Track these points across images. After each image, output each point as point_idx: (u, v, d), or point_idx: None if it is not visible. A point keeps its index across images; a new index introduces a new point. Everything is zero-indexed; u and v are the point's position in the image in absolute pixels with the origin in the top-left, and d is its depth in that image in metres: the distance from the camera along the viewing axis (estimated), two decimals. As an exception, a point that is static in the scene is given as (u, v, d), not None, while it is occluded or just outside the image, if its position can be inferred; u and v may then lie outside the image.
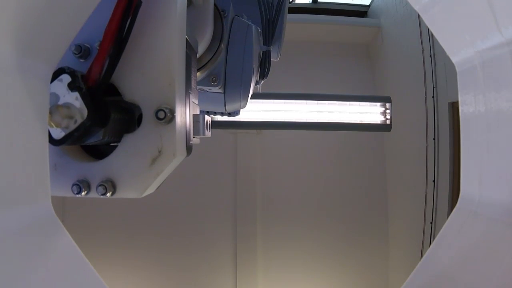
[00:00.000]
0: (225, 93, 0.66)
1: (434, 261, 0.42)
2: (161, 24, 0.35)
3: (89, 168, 0.34)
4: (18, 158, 0.25)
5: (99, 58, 0.32)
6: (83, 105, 0.30)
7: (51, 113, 0.29)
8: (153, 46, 0.35)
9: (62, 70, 0.30)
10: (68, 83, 0.30)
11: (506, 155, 0.36)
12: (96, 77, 0.32)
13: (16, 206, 0.24)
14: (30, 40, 0.25)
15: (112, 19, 0.33)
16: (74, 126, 0.29)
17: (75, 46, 0.34)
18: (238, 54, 0.65)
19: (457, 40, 0.41)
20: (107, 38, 0.33)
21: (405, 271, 2.36)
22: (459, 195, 0.43)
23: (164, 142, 0.34)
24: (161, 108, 0.34)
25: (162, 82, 0.35)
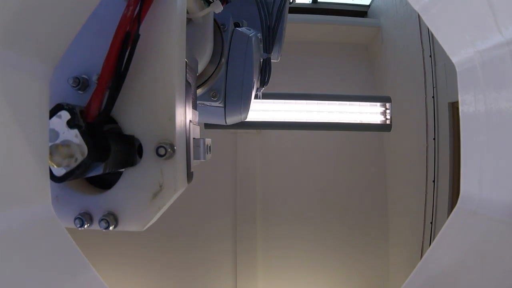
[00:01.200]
0: (226, 107, 0.66)
1: (434, 261, 0.42)
2: (161, 58, 0.35)
3: (91, 201, 0.35)
4: (18, 158, 0.25)
5: (97, 94, 0.32)
6: (83, 143, 0.30)
7: (51, 153, 0.29)
8: (152, 80, 0.35)
9: (61, 107, 0.30)
10: (67, 121, 0.29)
11: (506, 155, 0.36)
12: (95, 113, 0.32)
13: (16, 206, 0.24)
14: (30, 40, 0.25)
15: (110, 53, 0.32)
16: (75, 164, 0.29)
17: (73, 78, 0.34)
18: (239, 68, 0.64)
19: (457, 40, 0.41)
20: (105, 73, 0.32)
21: (405, 271, 2.36)
22: (459, 195, 0.43)
23: (165, 177, 0.35)
24: (161, 145, 0.34)
25: (162, 116, 0.35)
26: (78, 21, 0.31)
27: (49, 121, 0.29)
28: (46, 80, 0.29)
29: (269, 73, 0.85)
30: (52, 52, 0.29)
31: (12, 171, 0.24)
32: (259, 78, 0.82)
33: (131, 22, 0.33)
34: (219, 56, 0.60)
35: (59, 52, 0.30)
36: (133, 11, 0.33)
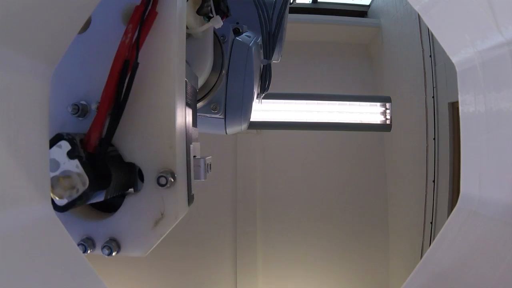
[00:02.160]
0: (226, 119, 0.65)
1: (434, 261, 0.42)
2: (160, 85, 0.35)
3: (94, 227, 0.35)
4: (18, 158, 0.25)
5: (97, 123, 0.32)
6: (84, 173, 0.30)
7: (53, 186, 0.29)
8: (152, 107, 0.35)
9: (61, 136, 0.30)
10: (68, 152, 0.30)
11: (506, 155, 0.36)
12: (95, 142, 0.32)
13: (16, 206, 0.24)
14: (30, 39, 0.25)
15: (109, 81, 0.32)
16: (77, 195, 0.30)
17: (72, 106, 0.34)
18: (239, 80, 0.64)
19: (457, 40, 0.41)
20: (104, 102, 0.32)
21: (405, 271, 2.36)
22: (459, 195, 0.43)
23: (166, 205, 0.35)
24: (162, 175, 0.34)
25: (162, 144, 0.35)
26: (78, 20, 0.31)
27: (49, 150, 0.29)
28: (46, 80, 0.29)
29: (270, 79, 0.85)
30: (52, 52, 0.29)
31: (12, 171, 0.24)
32: (259, 84, 0.81)
33: (130, 49, 0.33)
34: (220, 68, 0.59)
35: (59, 52, 0.30)
36: (131, 38, 0.33)
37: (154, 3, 0.35)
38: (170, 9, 0.36)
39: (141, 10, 0.34)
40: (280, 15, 0.80)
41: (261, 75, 0.81)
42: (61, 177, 0.29)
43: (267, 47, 0.78)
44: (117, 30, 0.35)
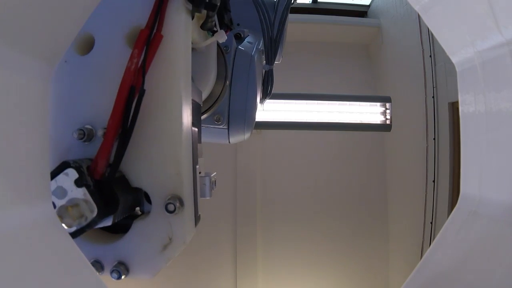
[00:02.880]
0: (229, 130, 0.65)
1: (434, 261, 0.42)
2: (167, 111, 0.35)
3: (102, 250, 0.35)
4: (18, 158, 0.25)
5: (103, 151, 0.32)
6: (92, 202, 0.30)
7: (61, 216, 0.29)
8: (159, 133, 0.34)
9: (67, 164, 0.30)
10: (75, 180, 0.29)
11: (506, 155, 0.36)
12: (103, 170, 0.31)
13: (16, 206, 0.24)
14: (30, 38, 0.25)
15: (115, 108, 0.32)
16: (85, 222, 0.30)
17: (77, 131, 0.33)
18: (242, 91, 0.63)
19: (457, 40, 0.41)
20: (111, 129, 0.32)
21: (405, 271, 2.36)
22: (459, 195, 0.43)
23: (175, 230, 0.35)
24: (170, 202, 0.34)
25: (169, 170, 0.34)
26: (78, 20, 0.31)
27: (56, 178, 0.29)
28: (46, 80, 0.29)
29: (272, 84, 0.84)
30: (52, 52, 0.29)
31: (12, 171, 0.24)
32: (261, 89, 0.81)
33: (136, 74, 0.32)
34: (224, 79, 0.58)
35: (59, 51, 0.30)
36: (137, 63, 0.33)
37: (159, 26, 0.34)
38: (176, 31, 0.36)
39: (146, 34, 0.33)
40: (282, 20, 0.79)
41: (263, 80, 0.81)
42: (70, 206, 0.29)
43: (269, 53, 0.77)
44: (121, 52, 0.34)
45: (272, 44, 0.77)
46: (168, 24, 0.35)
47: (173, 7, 0.35)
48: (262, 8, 0.73)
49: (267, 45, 0.77)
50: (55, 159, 0.34)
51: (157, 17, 0.34)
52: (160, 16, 0.34)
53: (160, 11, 0.34)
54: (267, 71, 0.80)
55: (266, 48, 0.77)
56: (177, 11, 0.36)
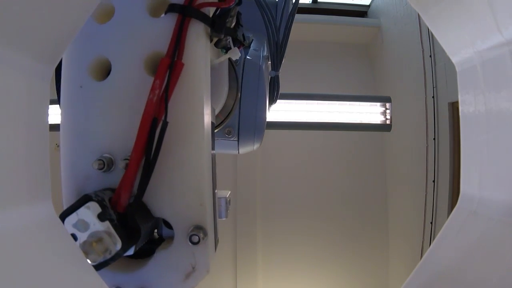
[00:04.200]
0: (239, 142, 0.64)
1: (434, 261, 0.42)
2: (190, 142, 0.34)
3: (124, 278, 0.35)
4: (18, 158, 0.25)
5: (126, 185, 0.31)
6: (116, 235, 0.29)
7: (87, 252, 0.28)
8: (182, 164, 0.34)
9: (89, 198, 0.29)
10: (98, 214, 0.29)
11: (506, 155, 0.36)
12: (125, 203, 0.31)
13: (16, 206, 0.24)
14: (30, 38, 0.25)
15: (137, 142, 0.31)
16: (110, 256, 0.30)
17: (97, 162, 0.33)
18: (251, 103, 0.63)
19: (457, 40, 0.41)
20: (133, 163, 0.31)
21: (405, 271, 2.35)
22: (459, 195, 0.43)
23: (198, 259, 0.35)
24: (195, 233, 0.33)
25: (193, 201, 0.34)
26: (78, 20, 0.31)
27: (77, 211, 0.29)
28: (46, 80, 0.29)
29: (278, 90, 0.83)
30: (52, 52, 0.29)
31: (12, 171, 0.24)
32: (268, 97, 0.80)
33: (158, 106, 0.32)
34: (235, 92, 0.58)
35: (59, 51, 0.30)
36: (159, 94, 0.32)
37: (179, 54, 0.33)
38: (197, 58, 0.35)
39: (167, 63, 0.32)
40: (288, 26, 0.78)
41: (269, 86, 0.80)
42: (94, 241, 0.29)
43: (275, 59, 0.76)
44: (139, 79, 0.34)
45: (278, 50, 0.76)
46: (188, 51, 0.34)
47: (193, 33, 0.35)
48: (267, 13, 0.72)
49: (273, 51, 0.75)
50: (73, 187, 0.34)
51: (178, 45, 0.33)
52: (180, 43, 0.33)
53: (180, 38, 0.33)
54: (273, 77, 0.79)
55: (271, 54, 0.76)
56: (197, 37, 0.35)
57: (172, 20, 0.34)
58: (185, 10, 0.34)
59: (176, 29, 0.34)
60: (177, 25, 0.34)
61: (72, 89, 0.35)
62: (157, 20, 0.35)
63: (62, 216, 0.30)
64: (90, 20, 0.35)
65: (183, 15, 0.34)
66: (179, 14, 0.34)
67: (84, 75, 0.35)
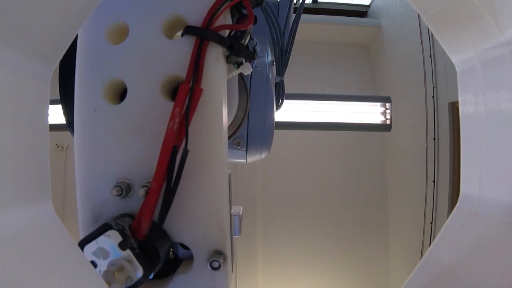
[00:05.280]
0: (247, 152, 0.64)
1: (434, 261, 0.42)
2: (210, 170, 0.34)
3: None
4: (18, 158, 0.25)
5: (147, 213, 0.31)
6: (138, 263, 0.29)
7: (109, 282, 0.28)
8: (202, 191, 0.34)
9: (109, 226, 0.29)
10: (120, 243, 0.29)
11: (506, 155, 0.36)
12: (146, 231, 0.31)
13: (16, 206, 0.24)
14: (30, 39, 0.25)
15: (158, 170, 0.31)
16: (131, 283, 0.29)
17: (116, 188, 0.33)
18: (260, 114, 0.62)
19: (457, 40, 0.41)
20: (154, 192, 0.31)
21: (405, 271, 2.35)
22: (459, 195, 0.43)
23: (218, 283, 0.34)
24: (215, 259, 0.33)
25: (212, 227, 0.34)
26: (78, 20, 0.31)
27: (97, 239, 0.29)
28: (46, 80, 0.29)
29: (283, 96, 0.83)
30: (52, 52, 0.29)
31: (12, 171, 0.24)
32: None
33: (177, 134, 0.31)
34: (245, 104, 0.57)
35: (59, 51, 0.30)
36: (179, 123, 0.31)
37: (198, 80, 0.32)
38: (215, 82, 0.34)
39: (186, 90, 0.32)
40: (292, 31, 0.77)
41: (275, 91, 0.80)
42: (116, 271, 0.28)
43: (279, 64, 0.75)
44: (156, 103, 0.33)
45: (282, 55, 0.75)
46: (207, 75, 0.33)
47: (211, 56, 0.34)
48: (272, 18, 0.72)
49: (278, 56, 0.74)
50: (89, 212, 0.34)
51: (196, 69, 0.32)
52: (199, 68, 0.32)
53: (198, 63, 0.32)
54: (278, 82, 0.78)
55: (276, 59, 0.75)
56: (215, 61, 0.34)
57: (189, 42, 0.34)
58: (203, 33, 0.33)
59: (194, 53, 0.33)
60: (195, 49, 0.33)
61: (86, 112, 0.34)
62: (173, 42, 0.34)
63: (82, 244, 0.30)
64: (103, 40, 0.34)
65: (201, 38, 0.33)
66: (197, 37, 0.33)
67: (98, 98, 0.34)
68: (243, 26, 0.36)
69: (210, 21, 0.33)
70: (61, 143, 2.51)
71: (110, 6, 0.35)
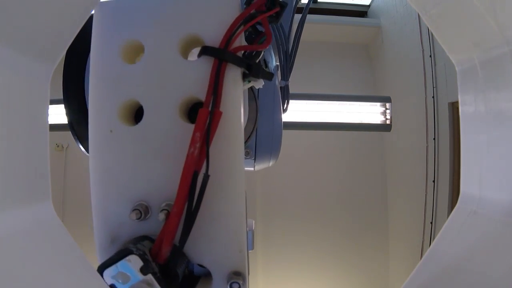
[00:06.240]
0: (255, 161, 0.64)
1: (434, 261, 0.42)
2: (229, 194, 0.33)
3: None
4: (18, 159, 0.25)
5: (168, 237, 0.30)
6: (158, 287, 0.29)
7: None
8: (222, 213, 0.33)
9: (130, 251, 0.29)
10: (141, 268, 0.29)
11: (506, 155, 0.36)
12: (167, 255, 0.31)
13: (17, 206, 0.24)
14: (30, 39, 0.25)
15: (179, 196, 0.30)
16: None
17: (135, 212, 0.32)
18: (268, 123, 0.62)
19: (457, 40, 0.41)
20: (175, 217, 0.30)
21: (405, 271, 2.35)
22: (459, 195, 0.43)
23: None
24: (235, 280, 0.33)
25: (232, 249, 0.34)
26: (77, 20, 0.31)
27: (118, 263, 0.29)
28: (46, 80, 0.29)
29: (288, 100, 0.83)
30: (52, 52, 0.29)
31: (12, 171, 0.24)
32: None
33: (198, 159, 0.31)
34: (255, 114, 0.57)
35: (59, 51, 0.30)
36: (200, 148, 0.31)
37: (217, 102, 0.32)
38: (234, 104, 0.33)
39: (206, 114, 0.31)
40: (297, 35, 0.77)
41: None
42: None
43: (284, 68, 0.74)
44: (174, 124, 0.33)
45: (287, 60, 0.74)
46: (226, 98, 0.33)
47: (230, 79, 0.33)
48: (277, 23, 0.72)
49: (283, 60, 0.74)
50: (106, 233, 0.34)
51: (216, 92, 0.31)
52: (218, 91, 0.32)
53: (217, 85, 0.32)
54: (283, 86, 0.78)
55: (281, 63, 0.74)
56: (234, 83, 0.33)
57: (206, 63, 0.33)
58: (221, 55, 0.32)
59: (213, 75, 0.32)
60: (213, 71, 0.32)
61: (102, 134, 0.33)
62: (190, 62, 0.33)
63: (101, 268, 0.29)
64: (117, 59, 0.33)
65: (219, 59, 0.32)
66: (215, 58, 0.32)
67: (114, 119, 0.33)
68: (262, 46, 0.35)
69: (228, 42, 0.32)
70: (61, 143, 2.51)
71: (124, 25, 0.34)
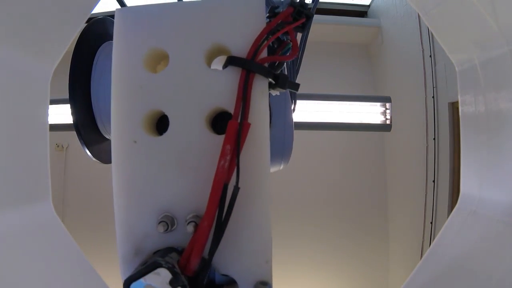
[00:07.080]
0: None
1: (434, 261, 0.42)
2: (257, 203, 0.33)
3: None
4: (18, 159, 0.25)
5: (197, 250, 0.30)
6: None
7: None
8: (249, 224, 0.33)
9: (159, 264, 0.29)
10: (170, 281, 0.29)
11: (506, 155, 0.36)
12: (195, 267, 0.31)
13: (17, 206, 0.24)
14: (30, 39, 0.25)
15: (209, 209, 0.30)
16: None
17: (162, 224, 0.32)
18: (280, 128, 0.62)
19: (457, 40, 0.41)
20: (205, 230, 0.30)
21: (405, 271, 2.36)
22: (459, 195, 0.43)
23: None
24: None
25: (259, 259, 0.34)
26: (78, 20, 0.31)
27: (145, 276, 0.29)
28: (46, 80, 0.29)
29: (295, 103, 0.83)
30: (52, 52, 0.29)
31: (13, 172, 0.24)
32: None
33: (228, 172, 0.31)
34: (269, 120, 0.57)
35: (59, 51, 0.30)
36: (230, 160, 0.31)
37: (245, 114, 0.32)
38: (262, 115, 0.33)
39: (236, 126, 0.31)
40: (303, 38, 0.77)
41: None
42: None
43: (291, 71, 0.74)
44: (200, 135, 0.32)
45: (294, 62, 0.74)
46: (254, 109, 0.32)
47: (257, 90, 0.33)
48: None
49: (290, 63, 0.74)
50: (130, 245, 0.34)
51: (244, 104, 0.31)
52: (246, 102, 0.31)
53: (246, 97, 0.31)
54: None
55: (288, 66, 0.74)
56: (262, 94, 0.33)
57: (232, 73, 0.33)
58: (249, 66, 0.32)
59: (240, 86, 0.32)
60: (241, 82, 0.32)
61: (125, 145, 0.33)
62: (216, 72, 0.33)
63: (128, 282, 0.29)
64: (141, 68, 0.33)
65: (247, 70, 0.32)
66: (242, 69, 0.32)
67: (138, 129, 0.33)
68: (288, 57, 0.35)
69: (255, 53, 0.32)
70: (61, 143, 2.51)
71: (148, 33, 0.33)
